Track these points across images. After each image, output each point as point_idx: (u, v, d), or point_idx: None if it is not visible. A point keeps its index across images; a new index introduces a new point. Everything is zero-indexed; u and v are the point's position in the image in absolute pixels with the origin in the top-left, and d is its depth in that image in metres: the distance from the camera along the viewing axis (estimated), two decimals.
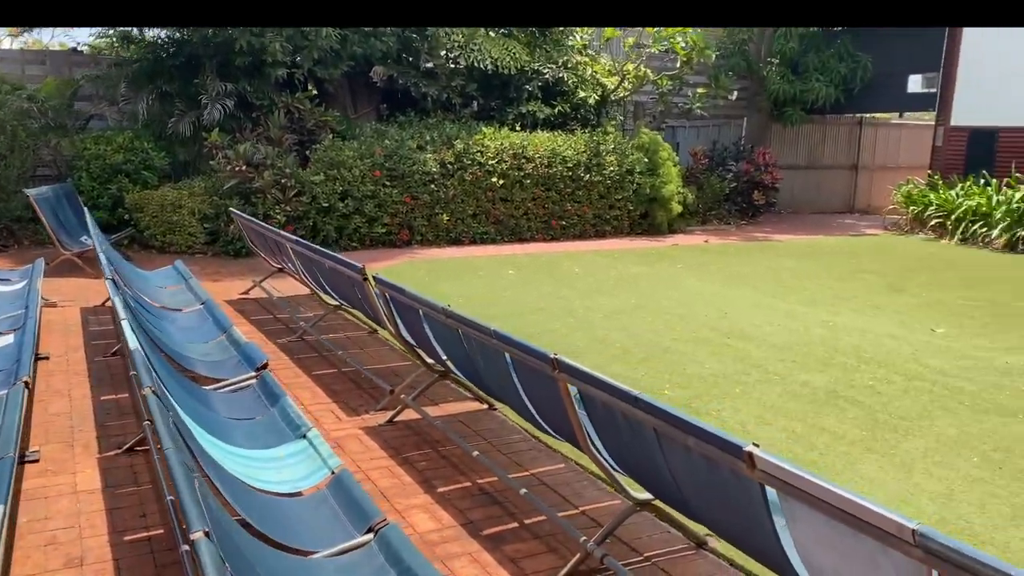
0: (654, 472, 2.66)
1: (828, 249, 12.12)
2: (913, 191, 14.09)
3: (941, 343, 6.55)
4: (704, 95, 14.33)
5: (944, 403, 5.02)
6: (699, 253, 11.43)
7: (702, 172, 14.73)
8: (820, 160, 19.24)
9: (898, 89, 15.66)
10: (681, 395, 5.09)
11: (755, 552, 2.38)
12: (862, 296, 8.49)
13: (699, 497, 2.48)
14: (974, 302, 8.28)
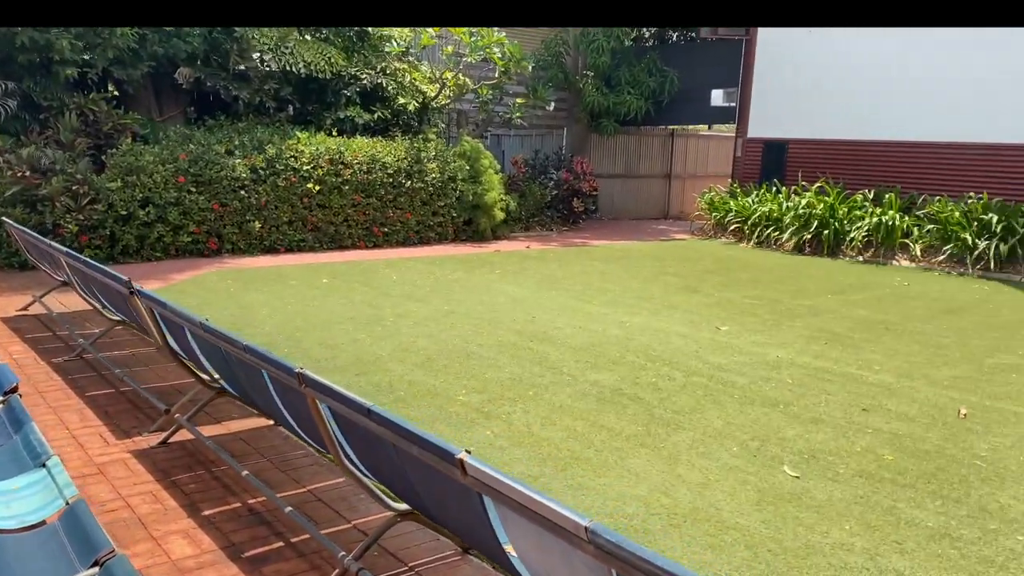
0: (401, 482, 2.67)
1: (638, 253, 12.76)
2: (715, 198, 15.11)
3: (723, 340, 7.05)
4: (523, 105, 14.70)
5: (716, 397, 5.40)
6: (519, 259, 11.69)
7: (524, 180, 15.10)
8: (637, 169, 20.26)
9: (703, 103, 16.75)
10: (475, 399, 5.17)
11: (490, 556, 2.44)
12: (660, 297, 9.00)
13: (438, 505, 2.51)
14: (758, 301, 8.99)
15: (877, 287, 10.16)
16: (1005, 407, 5.35)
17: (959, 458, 4.41)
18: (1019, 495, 3.94)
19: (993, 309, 8.89)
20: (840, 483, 4.03)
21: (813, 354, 6.64)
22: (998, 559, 3.31)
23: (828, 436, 4.70)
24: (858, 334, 7.44)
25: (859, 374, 6.07)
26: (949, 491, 3.97)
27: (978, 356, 6.73)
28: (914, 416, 5.12)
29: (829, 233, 12.87)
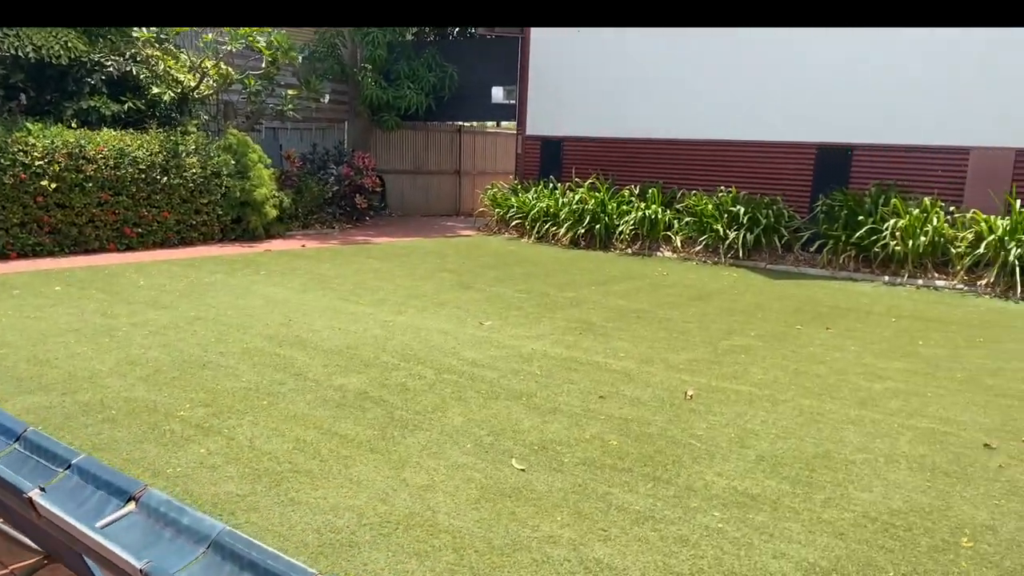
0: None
1: (419, 250, 12.63)
2: (497, 194, 15.32)
3: (484, 335, 7.04)
4: (295, 97, 14.09)
5: (463, 393, 5.33)
6: (290, 258, 11.16)
7: (301, 176, 14.49)
8: (426, 165, 20.18)
9: (484, 99, 16.91)
10: (199, 414, 4.74)
11: None
12: (432, 294, 8.89)
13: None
14: (527, 294, 9.13)
15: (639, 278, 10.68)
16: (728, 386, 5.71)
17: (678, 439, 4.60)
18: (724, 471, 4.16)
19: (737, 295, 9.60)
20: (563, 473, 4.06)
21: (566, 345, 6.78)
22: (693, 537, 3.43)
23: (562, 426, 4.76)
24: (612, 323, 7.72)
25: (604, 362, 6.26)
26: (662, 473, 4.11)
27: (715, 339, 7.18)
28: (646, 400, 5.32)
29: (600, 227, 13.42)
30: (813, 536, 3.47)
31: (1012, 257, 9.74)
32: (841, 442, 4.64)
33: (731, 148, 13.39)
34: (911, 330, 7.83)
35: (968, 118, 11.07)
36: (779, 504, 3.78)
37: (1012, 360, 6.73)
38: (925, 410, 5.29)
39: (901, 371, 6.26)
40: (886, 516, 3.69)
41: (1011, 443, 4.71)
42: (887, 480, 4.10)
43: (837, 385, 5.82)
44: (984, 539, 3.50)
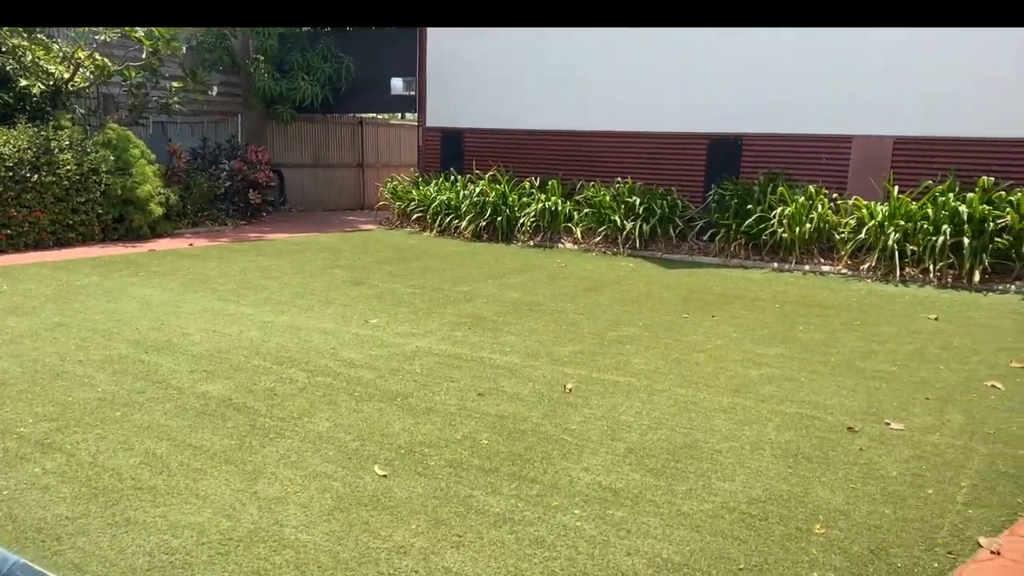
0: None
1: (315, 246, 12.28)
2: (398, 187, 15.06)
3: (368, 333, 6.84)
4: (181, 89, 13.48)
5: (335, 396, 5.13)
6: (175, 258, 10.66)
7: (190, 171, 13.89)
8: (327, 158, 19.71)
9: (383, 91, 16.59)
10: (42, 429, 4.40)
11: None
12: (321, 292, 8.62)
13: None
14: (421, 290, 8.95)
15: (537, 270, 10.64)
16: (609, 378, 5.69)
17: (551, 434, 4.54)
18: (591, 466, 4.11)
19: (630, 285, 9.66)
20: (427, 477, 3.93)
21: (453, 341, 6.65)
22: (549, 538, 3.35)
23: (434, 426, 4.63)
24: (503, 317, 7.63)
25: (489, 357, 6.16)
26: (529, 471, 4.03)
27: (603, 330, 7.18)
28: (526, 396, 5.24)
29: (502, 220, 13.34)
30: (670, 530, 3.45)
31: (891, 242, 10.12)
32: (711, 431, 4.67)
33: (629, 139, 13.51)
34: (793, 315, 8.02)
35: (850, 108, 11.45)
36: (640, 498, 3.75)
37: (886, 342, 6.96)
38: (796, 395, 5.39)
39: (778, 357, 6.39)
40: (744, 506, 3.70)
41: (874, 425, 4.83)
42: (750, 468, 4.14)
43: (715, 373, 5.89)
44: (837, 524, 3.55)
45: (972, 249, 9.69)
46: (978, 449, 4.47)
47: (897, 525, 3.55)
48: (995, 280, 9.72)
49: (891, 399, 5.34)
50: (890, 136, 11.22)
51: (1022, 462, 4.28)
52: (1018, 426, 4.84)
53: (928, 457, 4.34)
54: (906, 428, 4.78)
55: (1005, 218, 9.71)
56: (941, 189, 10.33)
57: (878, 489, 3.92)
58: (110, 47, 13.48)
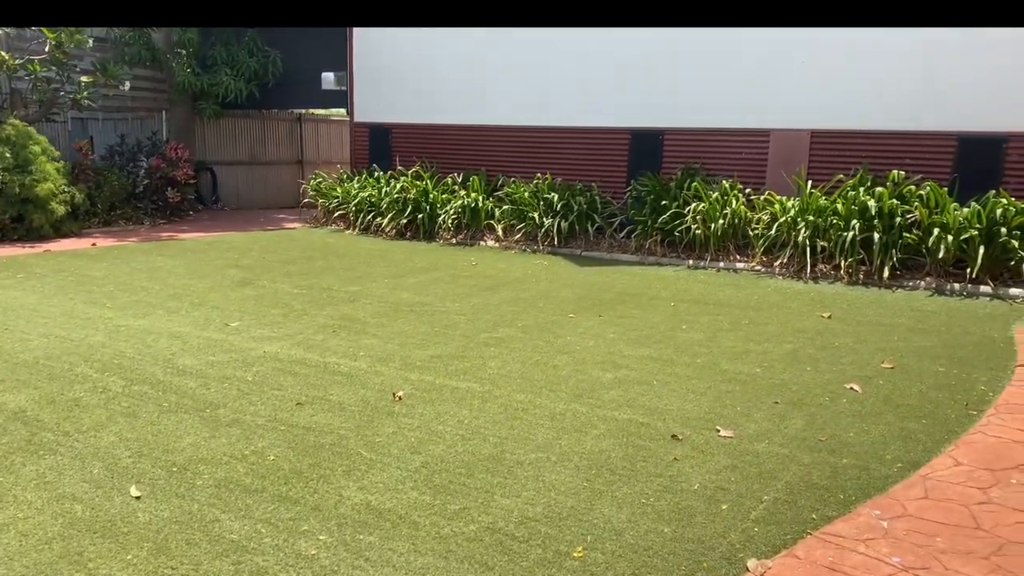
0: None
1: (224, 245, 11.89)
2: (322, 184, 14.70)
3: (221, 338, 6.51)
4: (90, 84, 13.04)
5: (140, 408, 4.80)
6: (68, 259, 10.26)
7: (102, 169, 13.46)
8: (264, 155, 19.29)
9: (315, 86, 16.18)
10: None
11: None
12: (199, 294, 8.27)
13: None
14: (307, 290, 8.62)
15: (444, 268, 10.33)
16: (452, 384, 5.40)
17: (349, 449, 4.24)
18: (372, 484, 3.81)
19: (532, 284, 9.36)
20: (183, 498, 3.62)
21: (309, 345, 6.34)
22: (273, 569, 3.05)
23: (228, 441, 4.31)
24: (378, 319, 7.32)
25: (336, 363, 5.85)
26: (297, 491, 3.72)
27: (477, 332, 6.89)
28: (348, 405, 4.94)
29: (423, 217, 13.02)
30: (415, 557, 3.16)
31: (801, 237, 9.91)
32: (526, 440, 4.39)
33: (553, 134, 13.23)
34: (683, 315, 7.77)
35: (767, 102, 11.23)
36: (404, 520, 3.46)
37: (764, 342, 6.72)
38: (639, 400, 5.13)
39: (643, 359, 6.12)
40: (512, 527, 3.42)
41: (703, 433, 4.57)
42: (543, 482, 3.86)
43: (567, 377, 5.61)
44: (602, 547, 3.27)
45: (881, 245, 9.49)
46: (801, 458, 4.22)
47: (669, 546, 3.28)
48: (906, 276, 9.53)
49: (738, 404, 5.09)
50: (806, 130, 11.01)
51: (840, 472, 4.04)
52: (855, 433, 4.60)
53: (743, 467, 4.09)
54: (735, 436, 4.53)
55: (914, 213, 9.52)
56: (852, 183, 10.13)
57: (670, 504, 3.65)
58: (23, 40, 13.03)
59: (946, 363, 6.11)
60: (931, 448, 4.38)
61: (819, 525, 3.48)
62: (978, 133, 9.92)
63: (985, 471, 4.07)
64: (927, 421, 4.80)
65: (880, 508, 3.65)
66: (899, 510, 3.63)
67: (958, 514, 3.59)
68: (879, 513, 3.60)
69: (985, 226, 9.07)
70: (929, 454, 4.29)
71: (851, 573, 3.09)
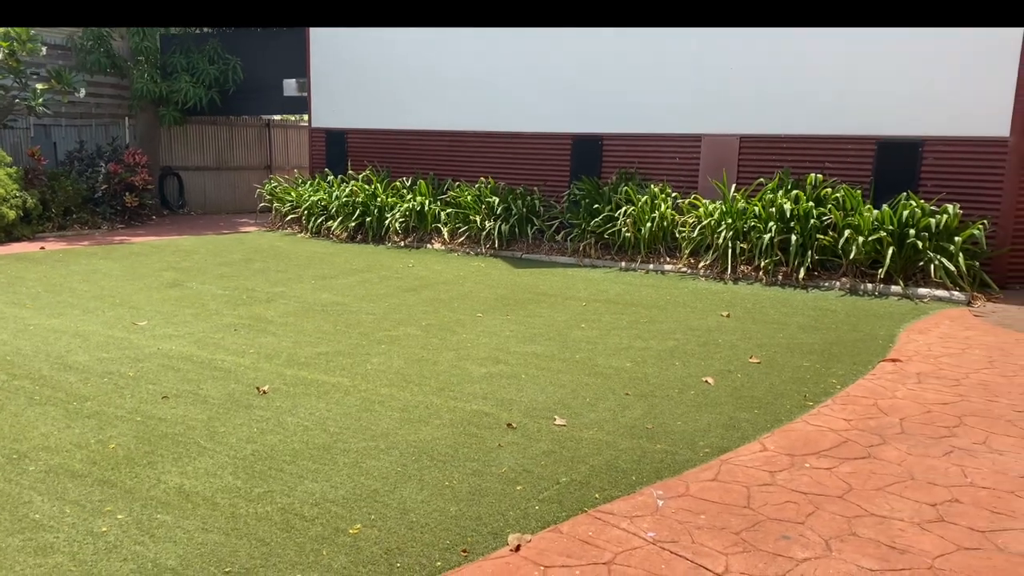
0: None
1: (170, 249, 12.15)
2: (277, 188, 14.96)
3: (123, 336, 6.75)
4: (46, 91, 13.32)
5: (11, 400, 5.04)
6: (8, 262, 10.52)
7: (60, 174, 13.74)
8: (231, 161, 19.56)
9: (276, 92, 16.46)
10: None
11: None
12: (122, 294, 8.51)
13: None
14: (231, 291, 8.86)
15: (377, 270, 10.57)
16: (323, 379, 5.63)
17: (190, 438, 4.47)
18: (192, 470, 4.04)
19: (458, 285, 9.59)
20: (8, 482, 3.85)
21: (205, 343, 6.57)
22: (57, 543, 3.29)
23: (81, 431, 4.55)
24: (286, 318, 7.56)
25: (223, 359, 6.08)
26: (121, 476, 3.95)
27: (377, 331, 7.11)
28: (212, 398, 5.17)
29: (371, 220, 13.27)
30: (200, 534, 3.39)
31: (722, 240, 10.13)
32: (365, 431, 4.61)
33: (500, 140, 13.47)
34: (591, 313, 7.99)
35: (699, 108, 11.46)
36: (207, 501, 3.68)
37: (651, 339, 6.94)
38: (498, 393, 5.35)
39: (526, 354, 6.35)
40: (307, 508, 3.64)
41: (539, 422, 4.79)
42: (360, 468, 4.08)
43: (441, 372, 5.83)
44: (382, 524, 3.50)
45: (798, 246, 9.71)
46: (618, 444, 4.44)
47: (446, 523, 3.50)
48: (823, 277, 9.74)
49: (589, 396, 5.32)
50: (736, 135, 11.23)
51: (647, 457, 4.25)
52: (684, 422, 4.82)
53: (558, 452, 4.31)
54: (568, 424, 4.75)
55: (829, 216, 9.74)
56: (772, 186, 10.36)
57: (470, 486, 3.88)
58: None
59: (814, 358, 6.33)
60: (748, 435, 4.60)
61: (599, 504, 3.71)
62: (896, 137, 10.14)
63: (786, 456, 4.29)
64: (759, 411, 5.02)
65: (665, 489, 3.87)
66: (682, 490, 3.86)
67: (735, 494, 3.81)
68: (661, 493, 3.82)
69: (896, 228, 9.29)
70: (743, 441, 4.51)
71: (603, 546, 3.31)
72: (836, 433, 4.64)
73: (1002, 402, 5.27)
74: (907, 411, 5.06)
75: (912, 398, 5.33)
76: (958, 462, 4.24)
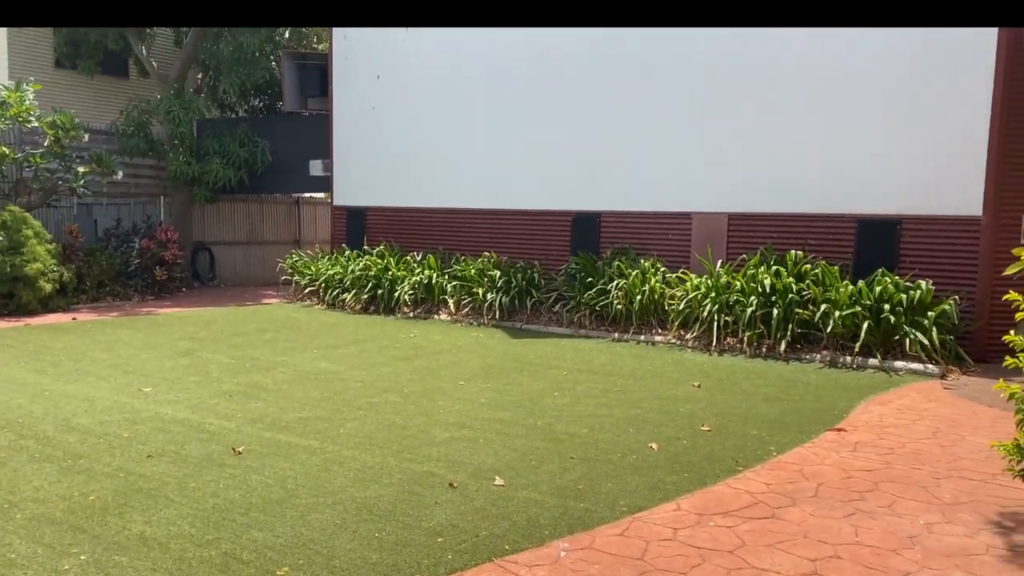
0: None
1: (192, 320, 12.91)
2: (298, 263, 15.78)
3: (128, 401, 7.36)
4: (87, 173, 14.44)
5: (13, 458, 5.63)
6: (40, 331, 11.34)
7: (96, 250, 14.75)
8: (261, 236, 20.61)
9: (303, 172, 17.52)
10: None
11: None
12: (139, 363, 9.18)
13: None
14: (238, 360, 9.49)
15: (381, 340, 11.15)
16: (294, 441, 6.14)
17: (162, 492, 4.99)
18: (156, 519, 4.54)
19: (452, 354, 10.09)
20: None
21: (199, 408, 7.14)
22: None
23: (69, 485, 5.09)
24: (280, 386, 8.12)
25: (211, 423, 6.64)
26: (93, 524, 4.47)
27: (362, 397, 7.63)
28: (192, 458, 5.71)
29: (383, 292, 13.95)
30: (148, 573, 3.88)
31: (707, 313, 10.53)
32: (318, 488, 5.08)
33: (505, 216, 14.16)
34: (569, 382, 8.38)
35: (690, 187, 12.02)
36: (161, 546, 4.18)
37: (617, 407, 7.32)
38: (452, 455, 5.78)
39: (493, 420, 6.78)
40: (247, 553, 4.11)
41: (481, 482, 5.21)
42: (305, 521, 4.54)
43: (407, 436, 6.29)
44: (307, 568, 3.95)
45: (779, 320, 10.06)
46: (546, 503, 4.84)
47: (364, 569, 3.94)
48: (805, 349, 10.05)
49: (536, 459, 5.72)
50: (724, 213, 11.73)
51: (567, 514, 4.64)
52: (614, 484, 5.20)
53: (488, 510, 4.72)
54: (507, 484, 5.17)
55: (808, 291, 10.10)
56: (754, 262, 10.78)
57: (397, 538, 4.31)
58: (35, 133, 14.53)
59: (764, 427, 6.66)
60: (669, 496, 4.96)
61: (507, 555, 4.11)
62: (875, 216, 10.54)
63: (695, 515, 4.65)
64: (688, 475, 5.39)
65: (572, 542, 4.26)
66: (587, 543, 4.24)
67: (634, 548, 4.19)
68: (567, 546, 4.21)
69: (872, 303, 9.61)
70: (662, 501, 4.88)
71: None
72: (751, 495, 4.99)
73: (925, 470, 5.55)
74: (828, 477, 5.37)
75: (839, 465, 5.64)
76: (855, 523, 4.55)
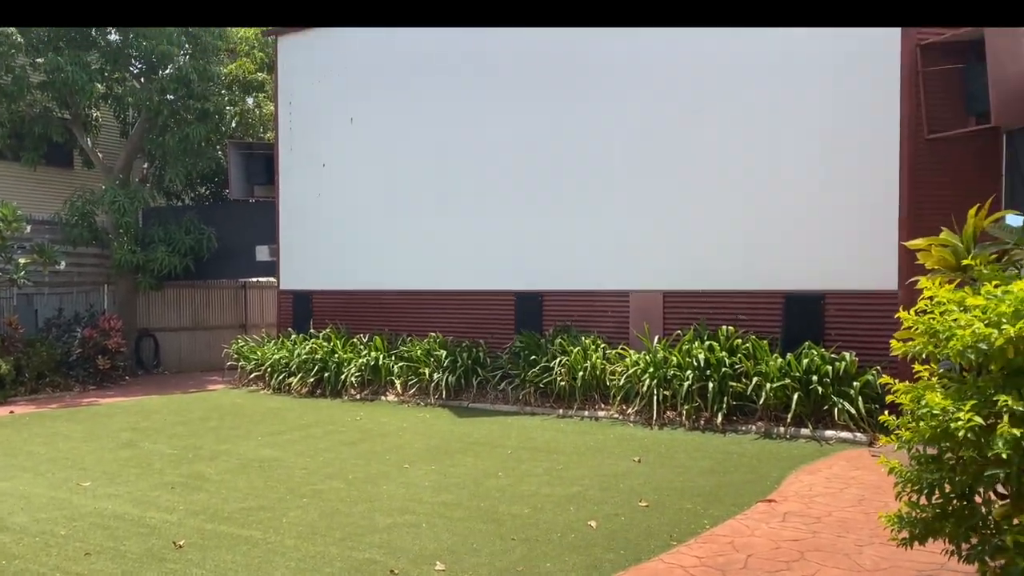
0: None
1: (134, 410, 12.74)
2: (243, 348, 15.74)
3: (65, 497, 7.27)
4: (27, 264, 14.35)
5: None
6: None
7: (36, 340, 14.53)
8: (207, 321, 20.48)
9: (250, 258, 17.61)
10: None
11: None
12: (78, 456, 9.05)
13: None
14: (179, 450, 9.42)
15: (327, 424, 11.15)
16: (235, 532, 6.15)
17: None
18: None
19: (397, 436, 10.15)
20: None
21: (139, 501, 7.09)
22: None
23: None
24: (223, 476, 8.09)
25: (152, 517, 6.60)
26: None
27: (304, 485, 7.65)
28: (131, 553, 5.68)
29: (330, 375, 13.98)
30: None
31: (646, 387, 10.84)
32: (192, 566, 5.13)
33: (449, 297, 14.44)
34: (513, 461, 8.53)
35: (626, 267, 12.50)
36: None
37: (558, 486, 7.48)
38: (394, 542, 5.87)
39: (437, 503, 6.88)
40: None
41: (422, 567, 5.30)
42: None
43: (350, 523, 6.35)
44: None
45: (715, 393, 10.41)
46: None
47: None
48: (740, 421, 10.39)
49: (477, 542, 5.84)
50: (659, 291, 12.20)
51: None
52: (553, 563, 5.35)
53: None
54: (447, 569, 5.28)
55: (741, 364, 10.51)
56: (688, 338, 11.20)
57: None
58: None
59: (699, 500, 6.89)
60: (606, 574, 5.13)
61: None
62: (801, 291, 11.10)
63: None
64: (625, 551, 5.56)
65: None
66: None
67: None
68: None
69: (801, 374, 10.04)
70: None
71: None
72: (683, 569, 5.18)
73: (850, 538, 5.83)
74: (758, 548, 5.61)
75: (769, 536, 5.88)
76: None
